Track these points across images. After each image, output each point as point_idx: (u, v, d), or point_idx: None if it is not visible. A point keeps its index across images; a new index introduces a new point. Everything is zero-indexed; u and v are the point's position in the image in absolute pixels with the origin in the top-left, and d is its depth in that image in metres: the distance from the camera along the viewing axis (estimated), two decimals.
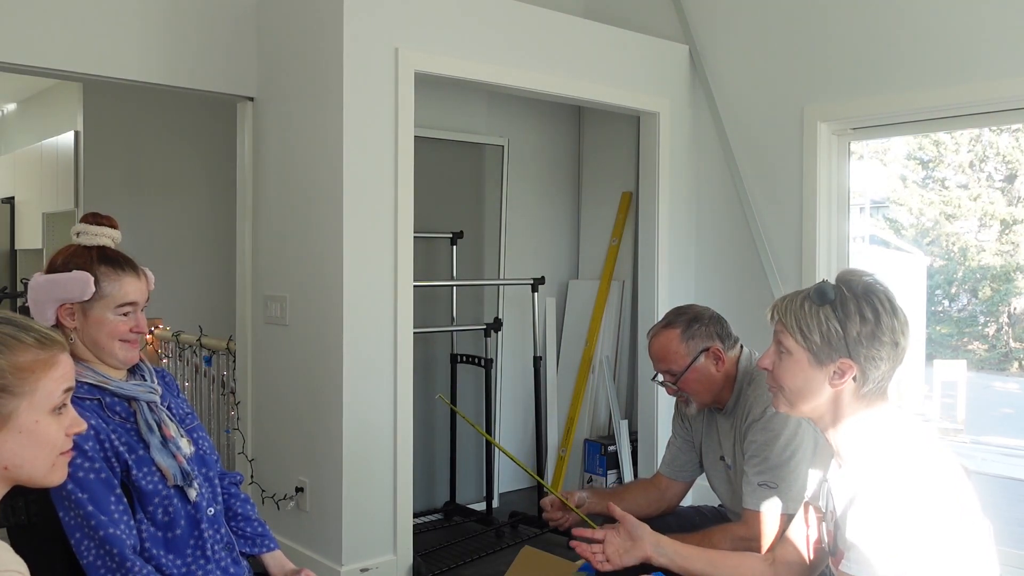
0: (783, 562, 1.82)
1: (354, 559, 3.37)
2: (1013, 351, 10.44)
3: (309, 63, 3.47)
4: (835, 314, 1.56)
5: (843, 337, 1.55)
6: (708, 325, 2.35)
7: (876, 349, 1.54)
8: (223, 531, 1.84)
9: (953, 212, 10.15)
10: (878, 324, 1.53)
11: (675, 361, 2.33)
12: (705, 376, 2.33)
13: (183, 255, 5.63)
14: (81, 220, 1.82)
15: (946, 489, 1.48)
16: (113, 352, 1.76)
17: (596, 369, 4.81)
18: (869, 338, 1.53)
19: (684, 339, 2.32)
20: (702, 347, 2.32)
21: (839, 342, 1.55)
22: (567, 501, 2.39)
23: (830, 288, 1.59)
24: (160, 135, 5.77)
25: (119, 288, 1.76)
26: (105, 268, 1.75)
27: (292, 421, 3.59)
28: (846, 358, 1.55)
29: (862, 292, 1.57)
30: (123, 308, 1.76)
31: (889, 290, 1.59)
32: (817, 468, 1.77)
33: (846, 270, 1.64)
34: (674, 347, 2.33)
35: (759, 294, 4.09)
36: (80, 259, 1.75)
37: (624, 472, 4.66)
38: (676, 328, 2.35)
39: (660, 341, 2.36)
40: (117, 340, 1.75)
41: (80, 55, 3.30)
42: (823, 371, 1.57)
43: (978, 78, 3.44)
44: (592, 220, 5.10)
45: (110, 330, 1.75)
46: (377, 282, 3.40)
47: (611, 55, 4.13)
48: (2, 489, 1.30)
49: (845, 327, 1.54)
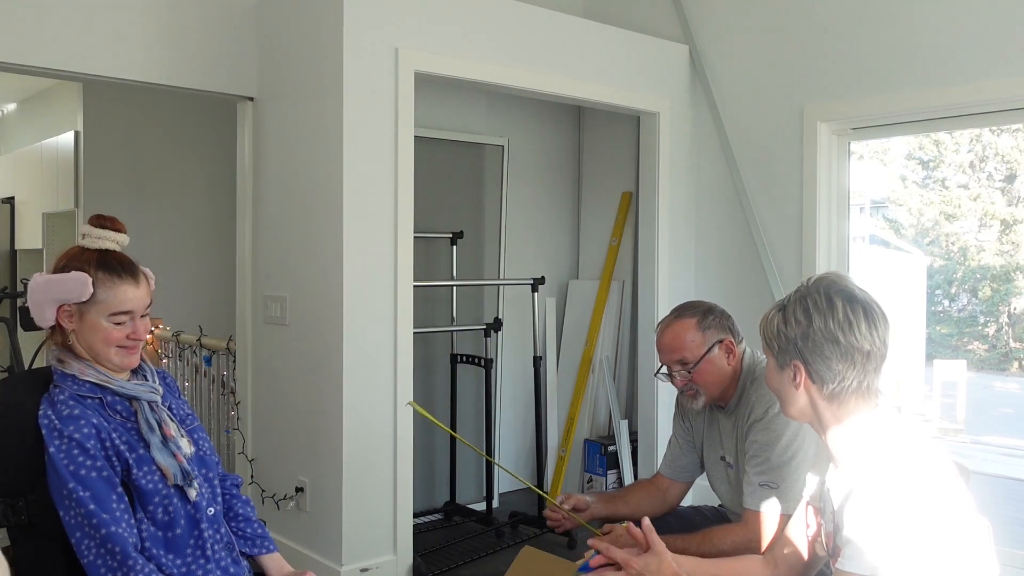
0: (784, 563, 1.83)
1: (354, 559, 3.37)
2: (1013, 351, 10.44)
3: (309, 63, 3.47)
4: (782, 318, 1.63)
5: (788, 339, 1.61)
6: (721, 318, 2.36)
7: (817, 348, 1.58)
8: (223, 531, 1.85)
9: (953, 212, 10.15)
10: (809, 324, 1.59)
11: (690, 350, 2.31)
12: (718, 368, 2.32)
13: (183, 255, 5.63)
14: (87, 222, 1.81)
15: (938, 485, 1.49)
16: (108, 358, 1.75)
17: (596, 369, 4.81)
18: (804, 338, 1.59)
19: (701, 329, 2.32)
20: (717, 338, 2.32)
21: (786, 344, 1.62)
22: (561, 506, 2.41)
23: (789, 294, 1.66)
24: (160, 135, 5.77)
25: (114, 296, 1.73)
26: (102, 274, 1.73)
27: (292, 421, 3.59)
28: (796, 359, 1.61)
29: (804, 294, 1.63)
30: (117, 316, 1.74)
31: (846, 290, 1.60)
32: (818, 470, 1.78)
33: (824, 273, 1.68)
34: (690, 336, 2.32)
35: (759, 294, 4.09)
36: (79, 262, 1.74)
37: (624, 472, 4.66)
38: (692, 318, 2.34)
39: (675, 330, 2.35)
40: (112, 347, 1.74)
41: (80, 55, 3.30)
42: (785, 374, 1.65)
43: (978, 78, 3.44)
44: (592, 220, 5.10)
45: (104, 336, 1.73)
46: (377, 282, 3.40)
47: (611, 55, 4.13)
48: None
49: (786, 329, 1.62)
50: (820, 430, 1.66)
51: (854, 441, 1.60)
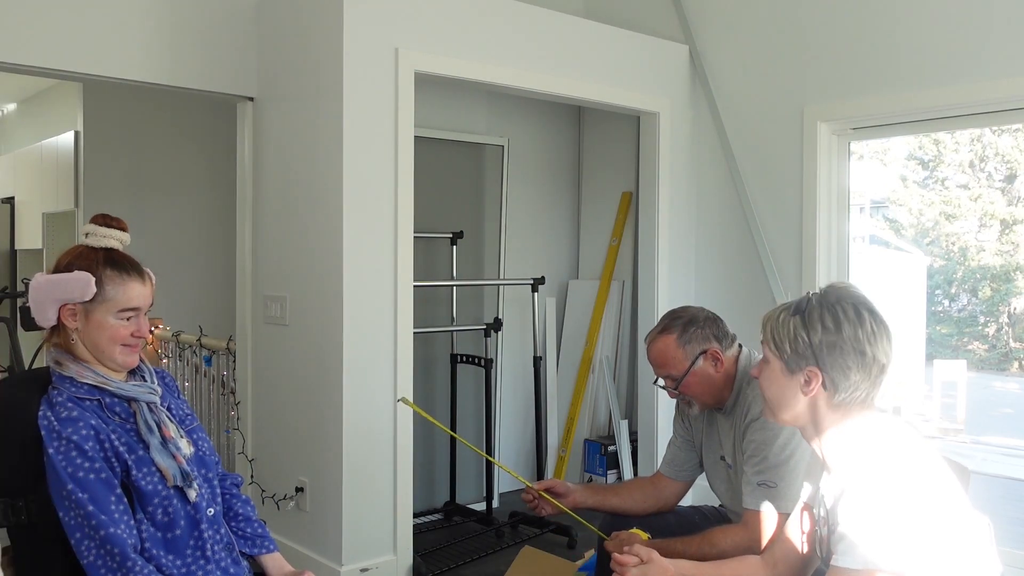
0: (783, 562, 1.83)
1: (354, 559, 3.37)
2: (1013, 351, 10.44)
3: (309, 63, 3.47)
4: (803, 323, 1.61)
5: (809, 345, 1.60)
6: (704, 327, 2.35)
7: (840, 357, 1.58)
8: (223, 531, 1.84)
9: (953, 212, 10.15)
10: (838, 332, 1.58)
11: (674, 366, 2.33)
12: (705, 378, 2.33)
13: (183, 255, 5.63)
14: (91, 221, 1.81)
15: (930, 482, 1.50)
16: (113, 356, 1.75)
17: (596, 369, 4.81)
18: (830, 346, 1.58)
19: (681, 344, 2.32)
20: (700, 350, 2.32)
21: (805, 350, 1.60)
22: (544, 494, 2.46)
23: (804, 299, 1.65)
24: (160, 135, 5.77)
25: (123, 292, 1.75)
26: (110, 271, 1.74)
27: (292, 421, 3.59)
28: (813, 366, 1.60)
29: (830, 301, 1.62)
30: (125, 313, 1.75)
31: (867, 302, 1.62)
32: (813, 474, 1.78)
33: (834, 283, 1.68)
34: (672, 352, 2.33)
35: (759, 294, 4.09)
36: (85, 260, 1.74)
37: (624, 472, 4.66)
38: (672, 333, 2.34)
39: (657, 347, 2.36)
40: (118, 344, 1.75)
41: (80, 55, 3.30)
42: (794, 380, 1.63)
43: (978, 78, 3.44)
44: (592, 220, 5.10)
45: (111, 334, 1.74)
46: (377, 282, 3.40)
47: (611, 55, 4.14)
48: None
49: (809, 335, 1.60)
50: (811, 436, 1.66)
51: (847, 446, 1.61)
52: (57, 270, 1.76)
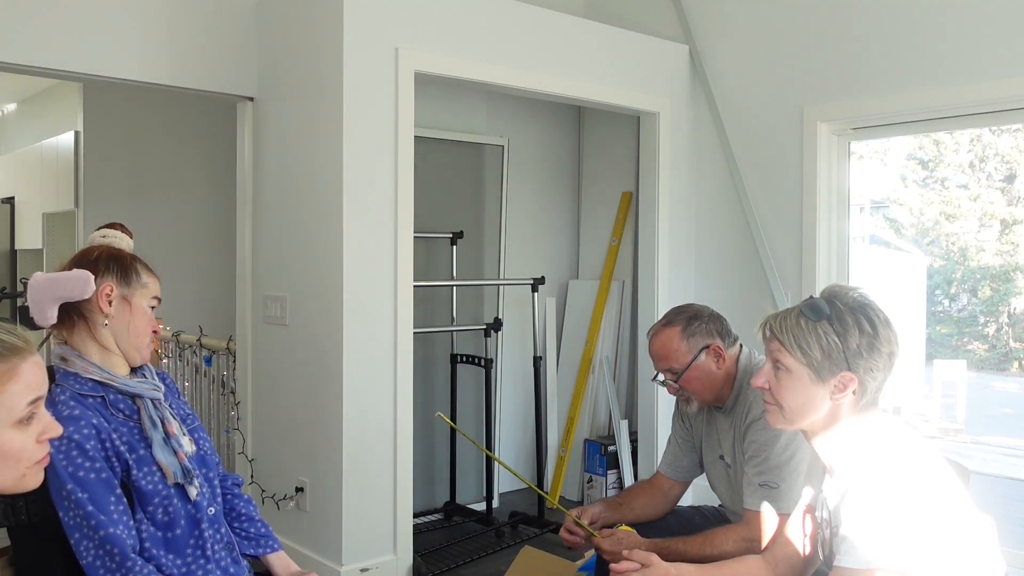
0: (784, 562, 1.83)
1: (354, 559, 3.37)
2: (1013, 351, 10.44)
3: (309, 63, 3.47)
4: (833, 328, 1.57)
5: (843, 350, 1.56)
6: (708, 323, 2.35)
7: (875, 360, 1.56)
8: (223, 531, 1.84)
9: (953, 212, 10.15)
10: (876, 335, 1.56)
11: (676, 359, 2.33)
12: (706, 374, 2.33)
13: (183, 255, 5.63)
14: (105, 226, 1.90)
15: (931, 481, 1.50)
16: (144, 344, 1.81)
17: (596, 369, 4.81)
18: (868, 349, 1.56)
19: (685, 336, 2.32)
20: (703, 344, 2.32)
21: (839, 355, 1.56)
22: (580, 521, 2.36)
23: (823, 303, 1.60)
24: (160, 135, 5.77)
25: (152, 282, 1.84)
26: (139, 264, 1.84)
27: (292, 421, 3.59)
28: (846, 371, 1.56)
29: (856, 305, 1.59)
30: (152, 301, 1.84)
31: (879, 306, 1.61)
32: (813, 476, 1.78)
33: (832, 285, 1.66)
34: (675, 345, 2.33)
35: (759, 294, 4.09)
36: (115, 254, 1.81)
37: (624, 472, 4.66)
38: (676, 326, 2.35)
39: (660, 340, 2.36)
40: (150, 332, 1.82)
41: (80, 55, 3.30)
42: (824, 386, 1.58)
43: (978, 78, 3.44)
44: (592, 220, 5.10)
45: (148, 319, 1.82)
46: (377, 282, 3.40)
47: (611, 55, 4.13)
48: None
49: (845, 340, 1.56)
50: (816, 434, 1.64)
51: (850, 446, 1.60)
52: (80, 260, 1.78)
